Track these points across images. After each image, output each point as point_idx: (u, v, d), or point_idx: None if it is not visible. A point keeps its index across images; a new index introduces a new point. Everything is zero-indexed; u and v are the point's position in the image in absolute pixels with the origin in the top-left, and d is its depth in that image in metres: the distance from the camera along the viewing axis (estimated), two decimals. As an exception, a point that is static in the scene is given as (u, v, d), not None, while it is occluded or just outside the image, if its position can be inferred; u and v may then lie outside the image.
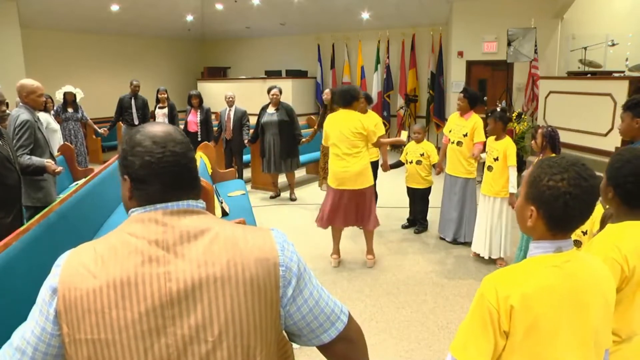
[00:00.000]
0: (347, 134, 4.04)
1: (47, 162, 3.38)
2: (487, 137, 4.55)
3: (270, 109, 6.41)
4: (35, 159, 3.35)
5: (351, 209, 4.20)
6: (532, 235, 1.25)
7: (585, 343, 1.19)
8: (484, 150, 4.53)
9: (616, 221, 1.65)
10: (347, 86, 4.24)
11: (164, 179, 0.96)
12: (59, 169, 3.42)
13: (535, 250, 1.22)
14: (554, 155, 3.40)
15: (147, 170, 0.96)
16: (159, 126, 1.00)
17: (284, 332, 1.04)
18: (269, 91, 6.44)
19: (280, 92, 6.44)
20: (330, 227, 4.35)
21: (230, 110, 6.92)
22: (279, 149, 6.33)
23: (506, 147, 4.16)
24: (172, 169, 0.96)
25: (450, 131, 4.87)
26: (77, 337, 0.90)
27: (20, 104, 3.59)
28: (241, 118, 6.87)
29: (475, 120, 4.70)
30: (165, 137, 0.97)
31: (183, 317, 0.89)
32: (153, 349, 0.89)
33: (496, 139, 4.26)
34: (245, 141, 6.82)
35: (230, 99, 6.90)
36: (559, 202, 1.15)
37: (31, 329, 0.94)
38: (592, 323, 1.19)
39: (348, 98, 4.13)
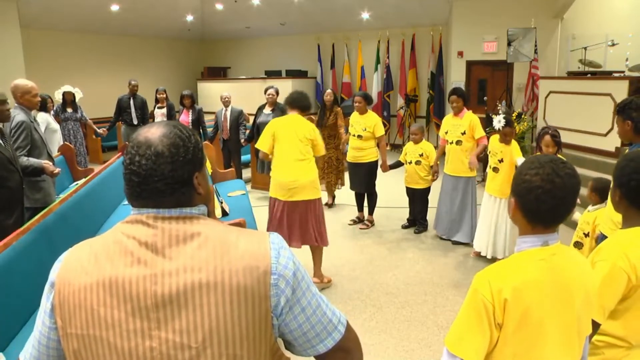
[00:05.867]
0: (301, 139, 3.70)
1: (45, 163, 3.36)
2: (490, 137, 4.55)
3: (267, 110, 6.42)
4: (33, 160, 3.33)
5: (297, 224, 3.77)
6: (519, 227, 1.31)
7: (569, 331, 1.24)
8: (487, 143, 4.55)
9: (626, 226, 1.63)
10: (302, 93, 3.94)
11: (127, 184, 0.95)
12: (57, 170, 3.39)
13: (522, 245, 1.28)
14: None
15: (123, 170, 0.97)
16: (154, 128, 0.96)
17: (279, 340, 1.01)
18: (265, 91, 6.45)
19: (277, 92, 6.43)
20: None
21: (226, 110, 6.94)
22: None
23: (513, 148, 4.21)
24: (131, 177, 0.93)
25: (446, 132, 4.87)
26: (69, 331, 0.92)
27: (16, 104, 3.56)
28: (238, 117, 6.90)
29: (471, 117, 4.71)
30: (142, 143, 0.93)
31: (168, 321, 0.89)
32: (137, 350, 0.89)
33: (501, 141, 4.27)
34: (242, 141, 6.83)
35: (226, 99, 6.92)
36: (531, 196, 1.22)
37: (39, 322, 0.98)
38: (575, 312, 1.24)
39: (307, 103, 3.86)
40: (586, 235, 3.12)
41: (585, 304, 1.27)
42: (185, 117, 7.06)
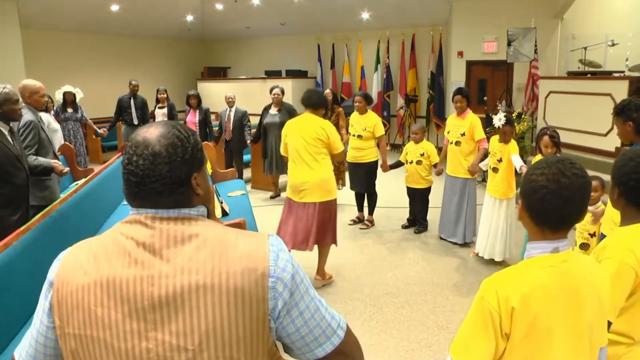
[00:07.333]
0: (307, 140, 3.68)
1: (54, 162, 3.43)
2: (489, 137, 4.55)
3: (273, 110, 6.39)
4: (42, 160, 3.40)
5: (305, 225, 3.76)
6: (528, 230, 1.28)
7: (579, 339, 1.21)
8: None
9: (625, 224, 1.64)
10: (311, 90, 3.96)
11: (125, 184, 0.95)
12: (66, 169, 3.47)
13: (532, 251, 1.24)
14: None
15: (122, 170, 0.97)
16: (152, 128, 0.96)
17: (277, 343, 1.00)
18: (270, 91, 6.43)
19: (283, 92, 6.42)
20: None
21: (230, 110, 6.94)
22: None
23: (511, 146, 4.22)
24: (129, 177, 0.93)
25: (448, 132, 4.89)
26: (66, 330, 0.92)
27: (23, 104, 3.60)
28: (241, 118, 6.89)
29: (472, 118, 4.70)
30: (140, 143, 0.93)
31: (164, 323, 0.88)
32: (134, 351, 0.89)
33: (500, 141, 4.27)
34: (248, 142, 6.82)
35: (230, 99, 6.92)
36: (536, 196, 1.20)
37: (37, 320, 0.98)
38: (586, 321, 1.21)
39: (315, 101, 3.80)
40: (592, 235, 3.13)
41: (598, 312, 1.23)
42: (192, 118, 7.06)
